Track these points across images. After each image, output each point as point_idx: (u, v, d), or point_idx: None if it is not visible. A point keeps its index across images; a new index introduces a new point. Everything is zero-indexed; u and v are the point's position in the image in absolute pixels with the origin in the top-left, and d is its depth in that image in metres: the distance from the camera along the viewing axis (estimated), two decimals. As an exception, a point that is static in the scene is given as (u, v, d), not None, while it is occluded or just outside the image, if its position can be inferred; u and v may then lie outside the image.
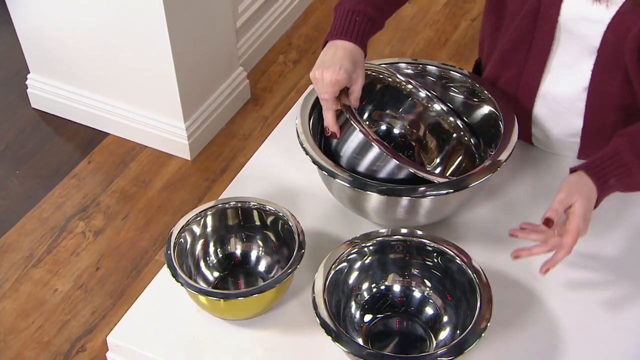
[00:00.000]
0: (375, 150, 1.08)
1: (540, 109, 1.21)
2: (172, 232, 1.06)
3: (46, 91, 2.39)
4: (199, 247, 1.10)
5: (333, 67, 1.07)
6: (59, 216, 2.13)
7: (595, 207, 1.03)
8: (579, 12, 1.08)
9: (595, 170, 1.03)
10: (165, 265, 1.10)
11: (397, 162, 1.06)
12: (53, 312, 1.91)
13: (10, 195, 2.20)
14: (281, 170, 1.25)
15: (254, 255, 1.12)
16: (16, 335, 1.86)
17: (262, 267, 1.12)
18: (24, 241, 2.07)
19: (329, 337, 0.94)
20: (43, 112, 2.44)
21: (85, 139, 2.36)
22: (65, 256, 2.03)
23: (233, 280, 1.11)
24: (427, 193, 1.05)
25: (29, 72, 2.40)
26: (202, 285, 1.08)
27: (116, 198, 2.18)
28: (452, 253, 1.02)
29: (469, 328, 0.93)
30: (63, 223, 2.11)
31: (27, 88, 2.43)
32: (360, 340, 1.01)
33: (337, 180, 1.07)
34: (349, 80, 1.08)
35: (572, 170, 1.04)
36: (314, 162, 1.09)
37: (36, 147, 2.34)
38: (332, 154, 1.12)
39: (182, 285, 1.01)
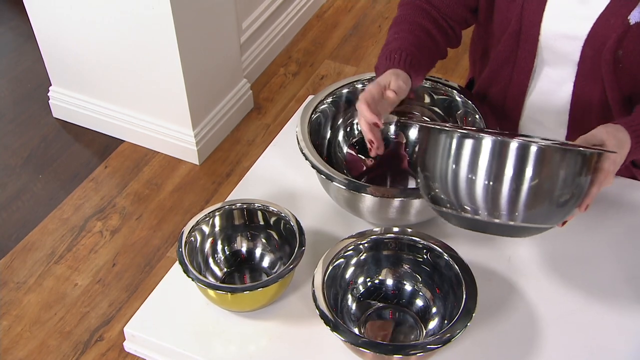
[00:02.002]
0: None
1: (526, 121, 1.20)
2: (183, 232, 1.06)
3: (66, 102, 2.38)
4: (207, 245, 1.09)
5: (367, 91, 1.02)
6: (78, 217, 2.12)
7: (625, 162, 0.97)
8: (557, 31, 1.08)
9: (629, 124, 0.98)
10: (177, 262, 1.10)
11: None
12: (73, 304, 1.90)
13: (33, 198, 2.19)
14: (282, 174, 1.25)
15: (258, 252, 1.12)
16: (40, 325, 1.86)
17: (265, 263, 1.11)
18: (46, 240, 2.06)
19: (328, 327, 0.93)
20: (64, 121, 2.43)
21: (102, 146, 2.35)
22: (85, 253, 2.03)
23: (239, 276, 1.11)
24: (417, 195, 1.04)
25: (51, 85, 2.39)
26: (211, 280, 1.07)
27: (131, 200, 2.18)
28: (439, 249, 1.01)
29: (456, 318, 0.93)
30: (82, 223, 2.11)
31: (49, 99, 2.42)
32: (356, 330, 1.01)
33: (334, 183, 1.06)
34: (380, 91, 1.02)
35: None
36: (313, 166, 1.09)
37: (57, 153, 2.33)
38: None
39: (192, 280, 1.00)
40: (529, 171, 0.84)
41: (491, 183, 0.85)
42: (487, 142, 0.85)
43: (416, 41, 1.12)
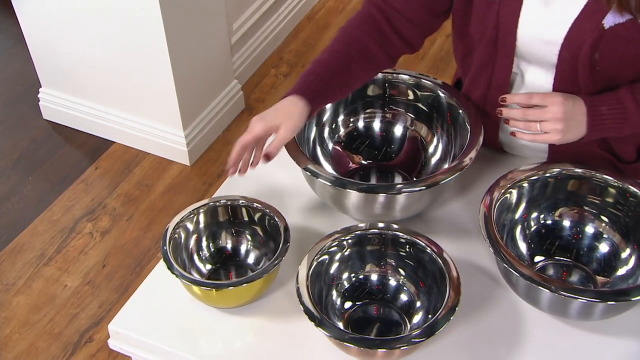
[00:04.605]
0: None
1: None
2: (167, 229, 1.06)
3: (56, 104, 2.38)
4: (192, 242, 1.10)
5: (259, 123, 1.04)
6: (68, 218, 2.12)
7: (586, 138, 1.06)
8: (533, 36, 1.08)
9: (588, 97, 1.07)
10: (160, 262, 1.10)
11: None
12: (63, 306, 1.90)
13: (23, 199, 2.19)
14: (269, 172, 1.24)
15: (243, 249, 1.12)
16: (30, 327, 1.85)
17: (251, 259, 1.12)
18: (36, 241, 2.06)
19: (313, 323, 0.94)
20: (54, 122, 2.43)
21: (92, 147, 2.35)
22: (74, 255, 2.02)
23: (224, 272, 1.11)
24: (401, 190, 1.05)
25: (40, 87, 2.39)
26: (196, 276, 1.07)
27: (121, 201, 2.17)
28: (423, 244, 1.02)
29: (440, 312, 0.93)
30: (72, 224, 2.11)
31: (39, 101, 2.42)
32: (341, 326, 1.01)
33: (319, 179, 1.07)
34: (265, 131, 1.04)
35: None
36: (299, 163, 1.09)
37: (47, 155, 2.33)
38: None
39: (177, 276, 1.01)
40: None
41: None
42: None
43: (336, 63, 1.12)
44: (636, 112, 1.05)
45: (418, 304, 1.02)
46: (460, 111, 1.16)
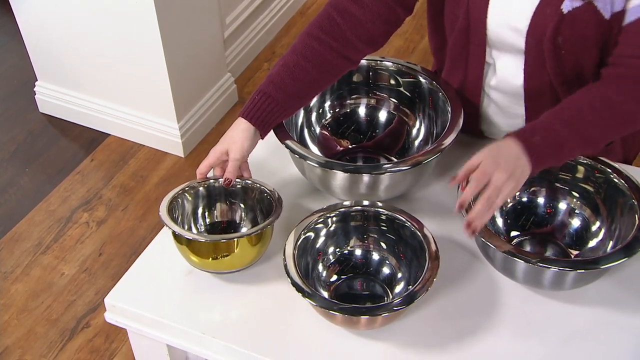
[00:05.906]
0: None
1: (487, 105, 1.26)
2: (164, 199, 1.12)
3: (53, 97, 2.44)
4: (189, 213, 1.15)
5: (214, 150, 1.13)
6: (65, 208, 2.18)
7: (532, 172, 1.01)
8: (502, 23, 1.14)
9: (519, 133, 1.03)
10: (156, 238, 1.16)
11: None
12: (60, 293, 1.96)
13: (20, 191, 2.24)
14: (262, 159, 1.29)
15: (237, 222, 1.18)
16: (28, 313, 1.91)
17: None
18: (33, 231, 2.11)
19: (300, 294, 0.99)
20: (50, 116, 2.48)
21: (88, 140, 2.40)
22: (71, 244, 2.08)
23: None
24: (385, 170, 1.11)
25: (37, 80, 2.44)
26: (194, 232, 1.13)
27: (117, 192, 2.23)
28: (403, 219, 1.08)
29: (419, 282, 0.99)
30: (69, 214, 2.16)
31: (35, 94, 2.47)
32: (326, 295, 1.07)
33: (307, 161, 1.13)
34: (218, 158, 1.14)
35: None
36: (287, 147, 1.15)
37: (44, 147, 2.38)
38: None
39: (174, 235, 1.06)
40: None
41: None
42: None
43: (291, 83, 1.16)
44: (569, 135, 1.03)
45: (399, 275, 1.08)
46: (441, 94, 1.23)
